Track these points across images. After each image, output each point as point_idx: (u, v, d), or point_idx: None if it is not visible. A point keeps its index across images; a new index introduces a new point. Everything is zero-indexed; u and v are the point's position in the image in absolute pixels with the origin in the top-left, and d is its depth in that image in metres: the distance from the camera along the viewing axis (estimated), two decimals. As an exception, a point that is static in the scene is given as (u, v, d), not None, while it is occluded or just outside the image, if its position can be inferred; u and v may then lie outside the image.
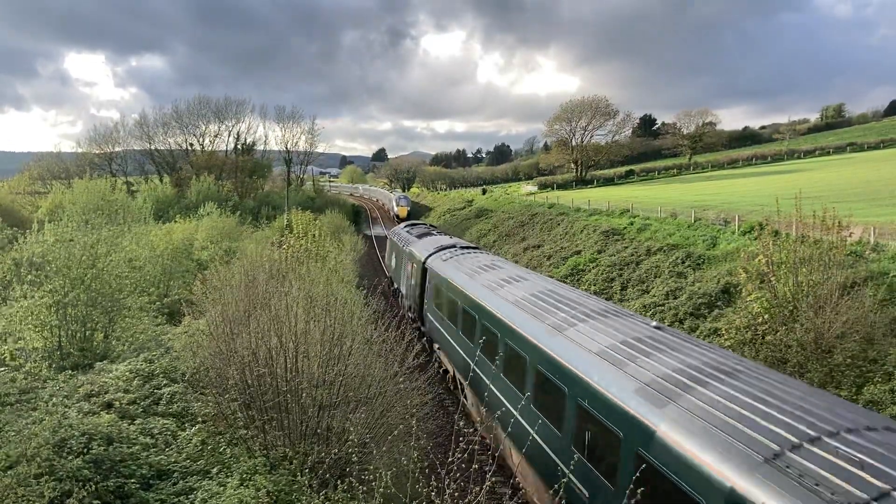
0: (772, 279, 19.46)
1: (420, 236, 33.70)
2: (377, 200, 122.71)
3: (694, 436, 8.16)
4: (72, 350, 17.40)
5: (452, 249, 26.02)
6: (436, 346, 23.55)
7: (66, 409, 12.13)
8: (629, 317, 13.93)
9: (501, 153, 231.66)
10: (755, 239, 24.21)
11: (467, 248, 27.03)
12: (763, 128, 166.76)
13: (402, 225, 43.77)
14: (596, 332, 12.56)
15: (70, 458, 10.11)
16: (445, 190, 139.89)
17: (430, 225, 45.16)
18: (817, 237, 19.12)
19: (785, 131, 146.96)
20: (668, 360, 10.36)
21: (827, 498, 6.21)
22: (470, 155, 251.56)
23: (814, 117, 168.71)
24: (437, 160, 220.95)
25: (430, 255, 26.04)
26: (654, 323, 12.94)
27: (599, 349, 11.71)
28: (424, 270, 25.91)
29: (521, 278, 18.57)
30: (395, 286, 36.74)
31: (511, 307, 16.02)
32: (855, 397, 16.38)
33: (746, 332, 20.09)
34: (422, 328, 26.16)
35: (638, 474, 8.32)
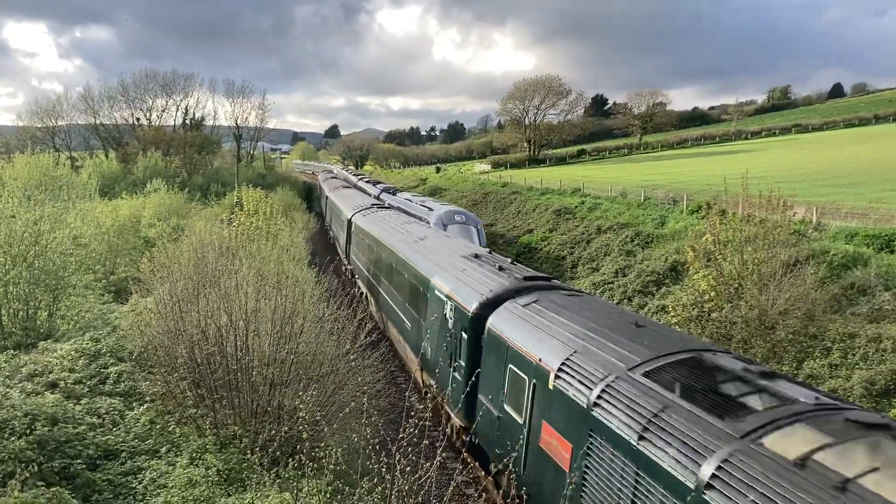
0: (718, 257, 19.91)
1: (346, 196, 46.20)
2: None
3: (441, 280, 16.84)
4: (14, 329, 16.95)
5: (371, 208, 35.94)
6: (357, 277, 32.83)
7: (8, 390, 11.83)
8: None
9: (456, 131, 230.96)
10: (702, 218, 24.65)
11: (381, 207, 37.69)
12: (712, 108, 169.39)
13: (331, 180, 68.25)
14: (419, 241, 22.02)
15: (12, 438, 9.88)
16: (399, 168, 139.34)
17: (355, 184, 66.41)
18: (763, 216, 19.59)
19: (733, 112, 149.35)
20: (448, 251, 19.36)
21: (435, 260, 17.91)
22: (424, 132, 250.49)
23: (761, 98, 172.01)
24: (391, 137, 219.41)
25: (354, 214, 35.37)
26: (463, 246, 21.47)
27: (418, 249, 20.84)
28: (350, 223, 35.31)
29: (403, 224, 28.25)
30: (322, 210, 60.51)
31: (393, 238, 24.42)
32: (796, 371, 16.93)
33: (693, 309, 20.53)
34: (347, 265, 36.41)
35: (428, 305, 17.43)
